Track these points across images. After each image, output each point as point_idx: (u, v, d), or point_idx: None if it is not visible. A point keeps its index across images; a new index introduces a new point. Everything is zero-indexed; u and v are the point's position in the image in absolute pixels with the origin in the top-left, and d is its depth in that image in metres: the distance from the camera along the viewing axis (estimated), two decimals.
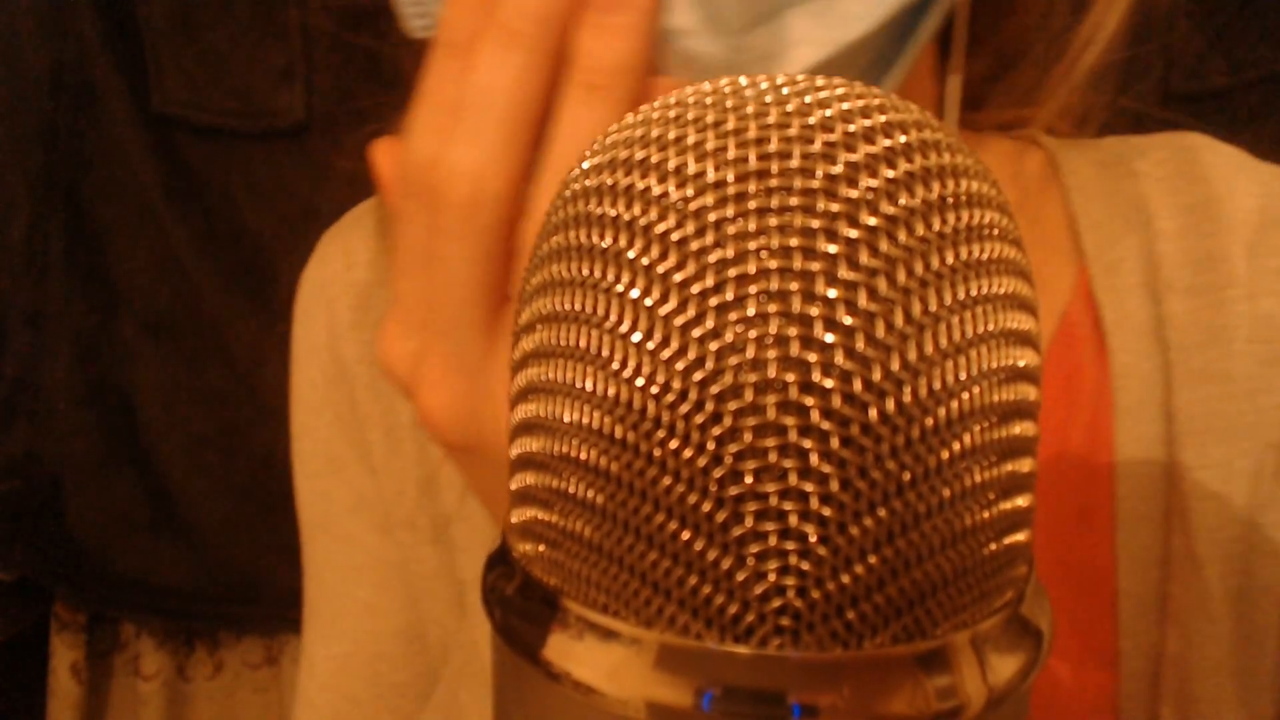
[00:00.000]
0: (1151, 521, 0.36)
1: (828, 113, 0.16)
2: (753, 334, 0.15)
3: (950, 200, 0.16)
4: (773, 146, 0.15)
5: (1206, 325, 0.36)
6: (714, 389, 0.15)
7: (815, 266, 0.15)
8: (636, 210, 0.16)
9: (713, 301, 0.15)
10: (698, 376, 0.15)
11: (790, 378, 0.15)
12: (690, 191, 0.15)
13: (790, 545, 0.15)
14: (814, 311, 0.15)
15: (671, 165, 0.16)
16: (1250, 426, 0.36)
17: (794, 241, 0.15)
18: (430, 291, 0.26)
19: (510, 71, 0.25)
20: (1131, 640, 0.36)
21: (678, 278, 0.15)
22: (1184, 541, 0.35)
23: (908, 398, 0.15)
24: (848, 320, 0.15)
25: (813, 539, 0.15)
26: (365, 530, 0.42)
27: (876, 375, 0.15)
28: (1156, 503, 0.36)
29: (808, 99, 0.16)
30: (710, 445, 0.15)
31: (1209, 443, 0.36)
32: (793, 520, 0.15)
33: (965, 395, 0.15)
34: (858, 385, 0.15)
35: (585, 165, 0.17)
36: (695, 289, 0.15)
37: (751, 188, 0.15)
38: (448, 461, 0.38)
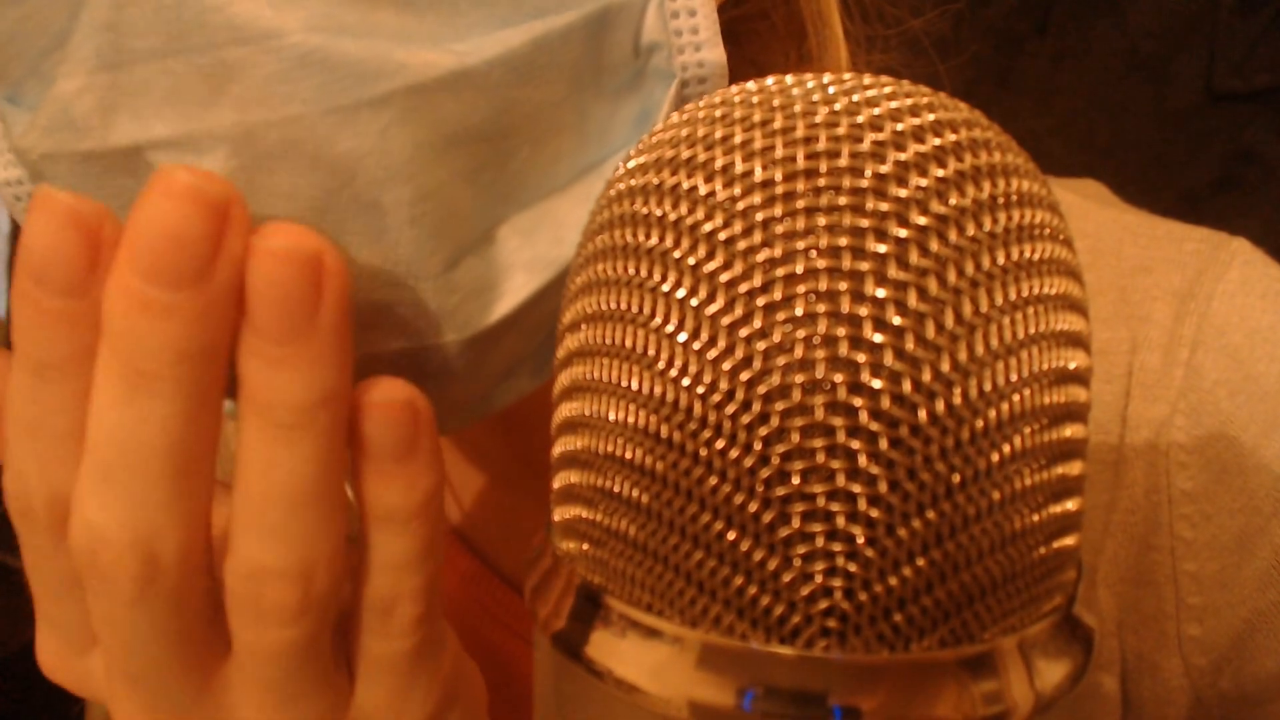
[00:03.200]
0: None
1: (876, 111, 0.16)
2: (801, 334, 0.15)
3: (1001, 200, 0.16)
4: (821, 145, 0.15)
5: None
6: (761, 389, 0.15)
7: (864, 266, 0.15)
8: (683, 209, 0.16)
9: (760, 301, 0.15)
10: (745, 376, 0.15)
11: (839, 378, 0.14)
12: (738, 190, 0.15)
13: (837, 547, 0.15)
14: (863, 312, 0.15)
15: (719, 164, 0.16)
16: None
17: (843, 241, 0.15)
18: (105, 641, 0.21)
19: (155, 422, 0.19)
20: None
21: (725, 277, 0.15)
22: None
23: (957, 399, 0.15)
24: (897, 321, 0.15)
25: (860, 541, 0.15)
26: None
27: (926, 376, 0.15)
28: None
29: (856, 97, 0.16)
30: (757, 445, 0.15)
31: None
32: (840, 522, 0.15)
33: (1016, 397, 0.15)
34: (907, 386, 0.14)
35: (630, 165, 0.17)
36: (743, 288, 0.15)
37: (800, 187, 0.15)
38: None
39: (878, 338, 0.15)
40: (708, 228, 0.15)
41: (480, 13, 0.21)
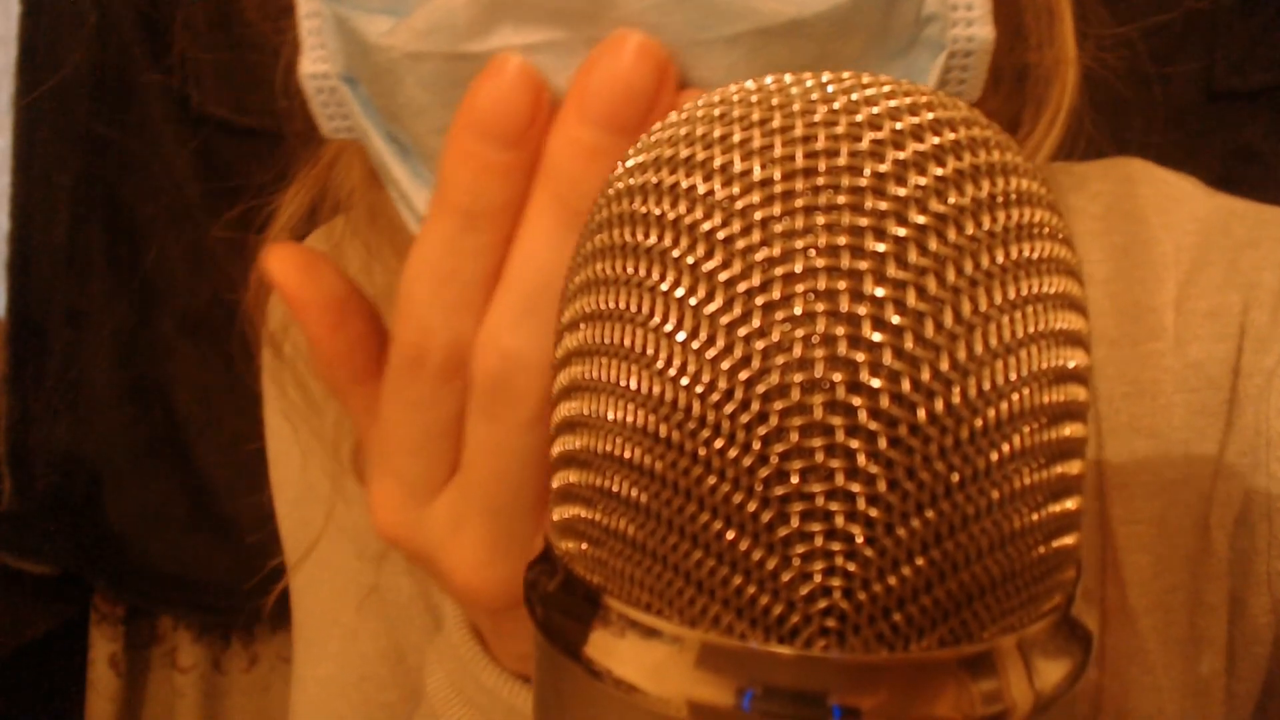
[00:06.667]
0: (1086, 572, 0.36)
1: (875, 110, 0.16)
2: (800, 333, 0.15)
3: (1000, 198, 0.16)
4: (820, 144, 0.15)
5: (1134, 378, 0.36)
6: (760, 388, 0.15)
7: (863, 265, 0.15)
8: (682, 208, 0.16)
9: (759, 300, 0.15)
10: (744, 375, 0.15)
11: (837, 377, 0.14)
12: (736, 189, 0.15)
13: (836, 546, 0.15)
14: (862, 311, 0.15)
15: (717, 163, 0.16)
16: (1184, 479, 0.35)
17: (842, 240, 0.15)
18: (476, 474, 0.24)
19: (568, 252, 0.22)
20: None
21: (723, 276, 0.15)
22: (1118, 593, 0.35)
23: (956, 398, 0.15)
24: (896, 320, 0.15)
25: (859, 540, 0.15)
26: (344, 556, 0.43)
27: (925, 375, 0.14)
28: (1090, 554, 0.36)
29: (855, 96, 0.16)
30: (756, 445, 0.15)
31: (1138, 496, 0.35)
32: (839, 521, 0.15)
33: (1015, 396, 0.15)
34: (906, 385, 0.14)
35: (629, 164, 0.17)
36: (741, 287, 0.15)
37: (799, 186, 0.15)
38: None
39: (877, 337, 0.14)
40: (706, 227, 0.15)
41: None
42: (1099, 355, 0.36)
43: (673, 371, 0.15)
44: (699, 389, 0.15)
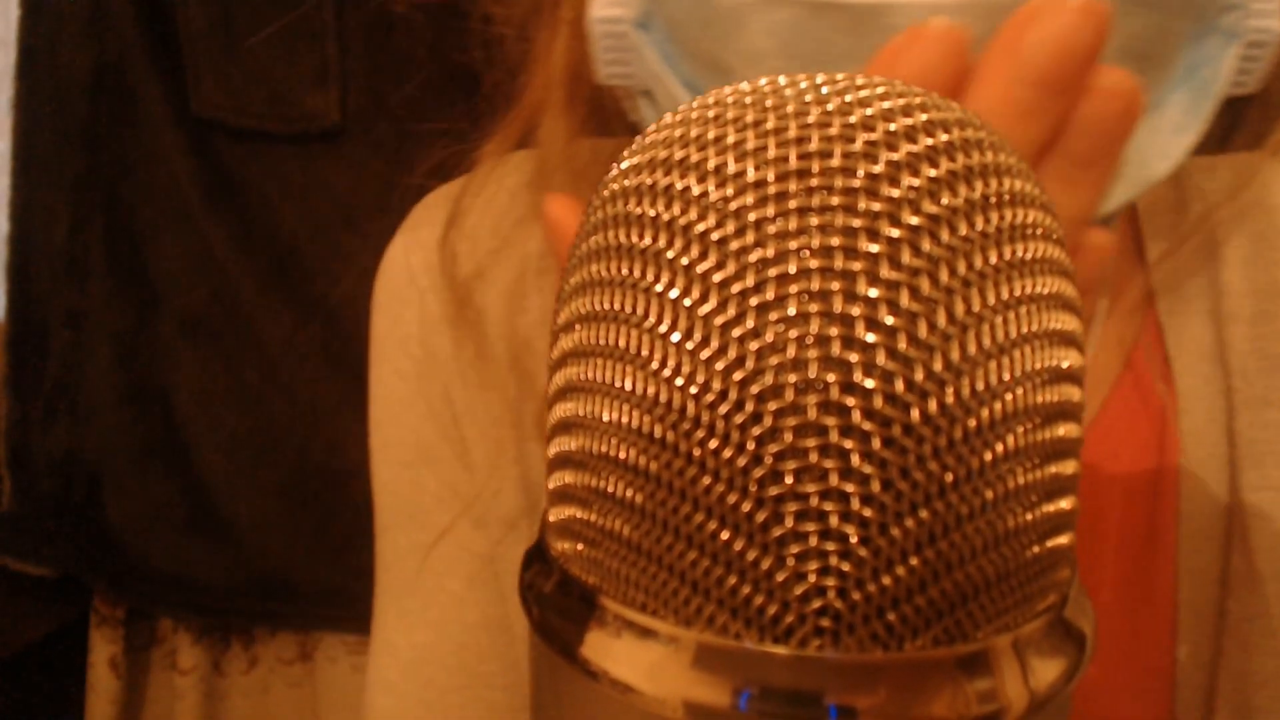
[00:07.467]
0: (1213, 539, 0.37)
1: (869, 111, 0.16)
2: (793, 334, 0.15)
3: (993, 199, 0.16)
4: (813, 145, 0.15)
5: (1268, 354, 0.37)
6: (754, 389, 0.15)
7: (857, 266, 0.15)
8: (676, 210, 0.16)
9: (753, 301, 0.15)
10: (738, 376, 0.15)
11: (831, 378, 0.14)
12: (730, 191, 0.15)
13: (831, 546, 0.15)
14: (855, 311, 0.15)
15: (711, 165, 0.16)
16: None
17: (835, 241, 0.15)
18: None
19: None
20: (1190, 652, 0.37)
21: (717, 277, 0.15)
22: (1243, 559, 0.36)
23: (950, 398, 0.15)
24: (889, 320, 0.15)
25: (854, 540, 0.15)
26: (460, 524, 0.42)
27: (919, 375, 0.15)
28: (1218, 521, 0.37)
29: (848, 97, 0.16)
30: (750, 445, 0.15)
31: (1270, 465, 0.37)
32: (833, 521, 0.15)
33: (1009, 396, 0.15)
34: (899, 385, 0.14)
35: (624, 165, 0.17)
36: (735, 288, 0.15)
37: (792, 187, 0.15)
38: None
39: (870, 337, 0.15)
40: (701, 228, 0.15)
41: None
42: (1237, 333, 0.37)
43: (667, 372, 0.15)
44: (693, 390, 0.15)
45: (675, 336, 0.15)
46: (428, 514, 0.43)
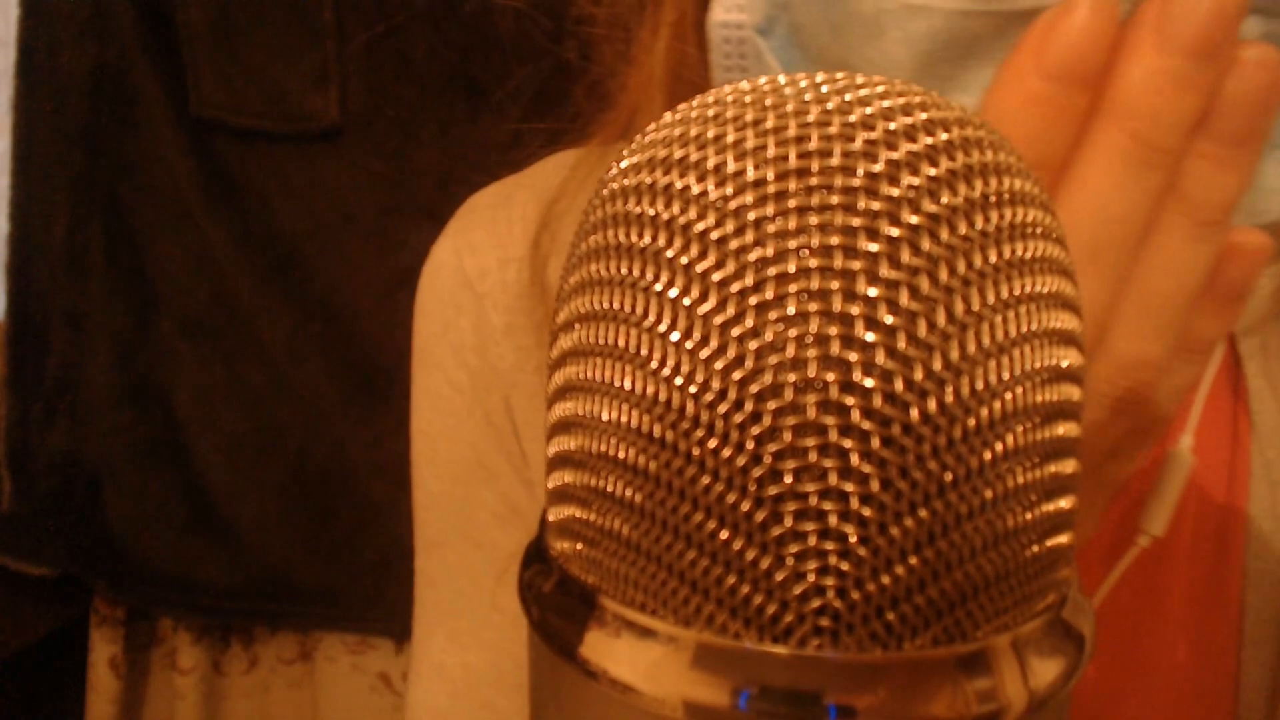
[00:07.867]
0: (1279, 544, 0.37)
1: (868, 110, 0.16)
2: (793, 333, 0.15)
3: (993, 198, 0.16)
4: (813, 144, 0.15)
5: None
6: (753, 388, 0.15)
7: (856, 265, 0.15)
8: (675, 209, 0.16)
9: (752, 300, 0.15)
10: (737, 375, 0.15)
11: (830, 377, 0.14)
12: (730, 190, 0.15)
13: (830, 545, 0.15)
14: (855, 310, 0.15)
15: (710, 164, 0.16)
16: None
17: (835, 240, 0.15)
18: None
19: (1139, 196, 0.22)
20: (1253, 655, 0.36)
21: (717, 276, 0.15)
22: None
23: (949, 397, 0.15)
24: (889, 319, 0.15)
25: (853, 539, 0.15)
26: (515, 540, 0.41)
27: (918, 375, 0.15)
28: None
29: (848, 96, 0.16)
30: (749, 444, 0.15)
31: None
32: (832, 520, 0.15)
33: (1008, 395, 0.15)
34: (899, 384, 0.14)
35: (623, 164, 0.17)
36: (734, 288, 0.15)
37: (791, 186, 0.15)
38: None
39: (870, 336, 0.15)
40: (700, 227, 0.15)
41: None
42: None
43: (666, 371, 0.15)
44: (692, 389, 0.15)
45: (674, 336, 0.15)
46: (484, 531, 0.41)
